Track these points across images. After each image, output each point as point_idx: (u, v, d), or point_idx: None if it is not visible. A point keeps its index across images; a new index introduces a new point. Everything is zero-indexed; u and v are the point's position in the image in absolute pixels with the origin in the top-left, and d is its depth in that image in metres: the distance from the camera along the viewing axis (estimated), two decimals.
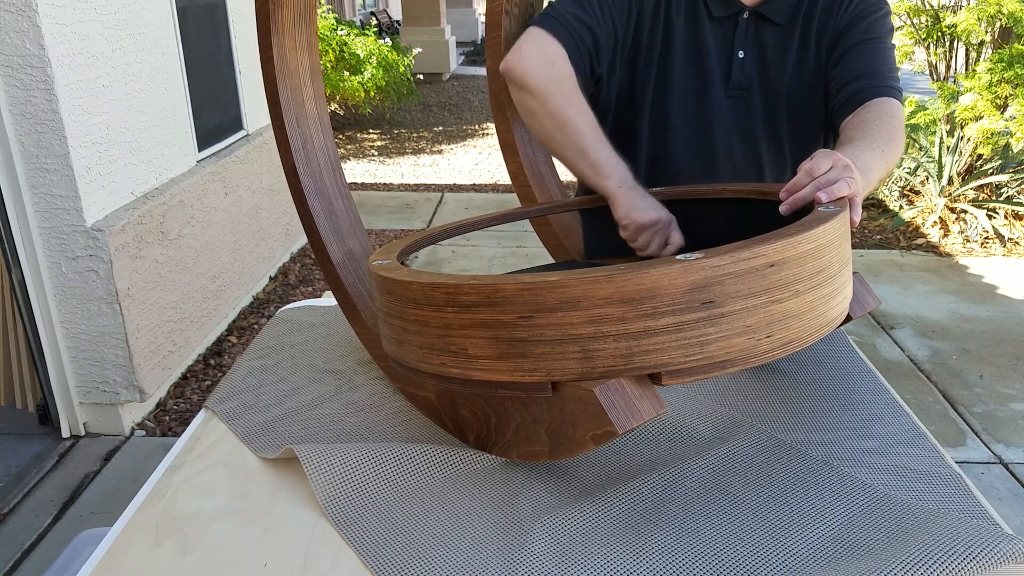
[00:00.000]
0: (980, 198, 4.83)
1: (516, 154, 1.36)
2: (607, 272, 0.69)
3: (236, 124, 3.70)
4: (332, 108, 7.53)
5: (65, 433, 2.64)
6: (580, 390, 0.73)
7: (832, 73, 1.26)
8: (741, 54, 1.30)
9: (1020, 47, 4.51)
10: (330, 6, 7.88)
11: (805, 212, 0.94)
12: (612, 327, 0.70)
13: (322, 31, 6.93)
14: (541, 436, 0.82)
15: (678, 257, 0.70)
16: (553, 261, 1.46)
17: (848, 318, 0.91)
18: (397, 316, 0.84)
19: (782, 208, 0.95)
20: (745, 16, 1.30)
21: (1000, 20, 4.69)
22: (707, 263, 0.69)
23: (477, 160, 6.86)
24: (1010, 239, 4.60)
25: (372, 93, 7.16)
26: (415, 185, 6.03)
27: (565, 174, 1.51)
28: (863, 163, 1.00)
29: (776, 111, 1.32)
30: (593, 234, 1.42)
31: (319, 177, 1.10)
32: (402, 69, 7.54)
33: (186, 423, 2.72)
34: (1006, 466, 2.57)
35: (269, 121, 4.67)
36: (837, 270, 0.80)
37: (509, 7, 1.31)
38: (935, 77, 5.40)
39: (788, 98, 1.31)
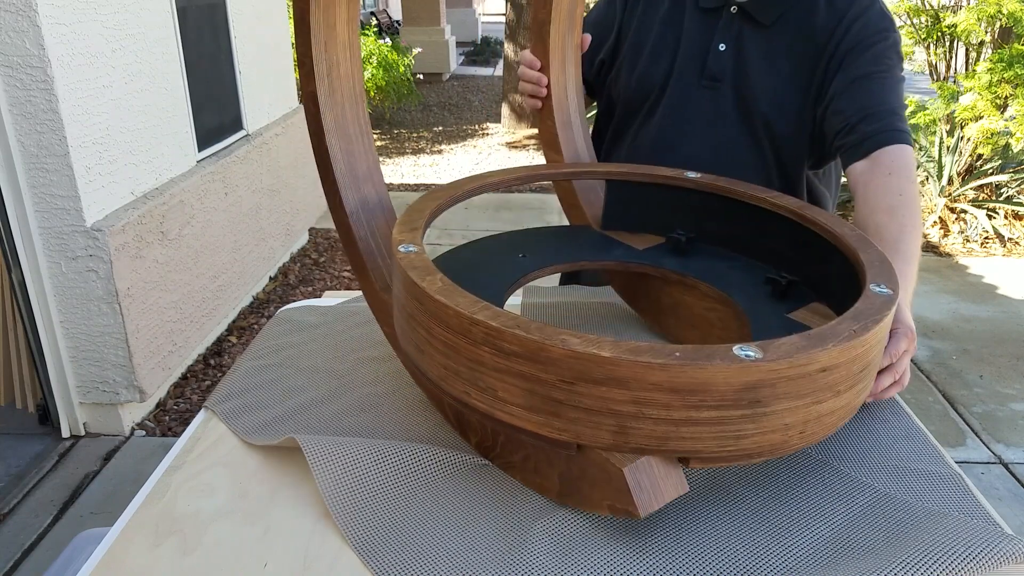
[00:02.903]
0: (980, 198, 4.83)
1: (550, 96, 1.26)
2: (663, 360, 0.67)
3: (236, 124, 3.70)
4: None
5: (65, 433, 2.64)
6: (608, 463, 0.72)
7: (838, 104, 1.23)
8: (722, 47, 1.31)
9: (1020, 47, 4.51)
10: None
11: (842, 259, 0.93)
12: (654, 411, 0.68)
13: None
14: (552, 477, 0.81)
15: (735, 351, 0.68)
16: (563, 225, 1.39)
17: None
18: (423, 327, 0.80)
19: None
20: (732, 10, 1.31)
21: (1000, 20, 4.69)
22: (766, 367, 0.67)
23: (477, 160, 6.86)
24: (1010, 239, 4.60)
25: (372, 93, 7.16)
26: (415, 185, 6.03)
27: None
28: (907, 286, 1.03)
29: (751, 110, 1.31)
30: (615, 207, 1.43)
31: (341, 111, 0.99)
32: (402, 69, 7.55)
33: (186, 423, 2.72)
34: (1006, 466, 2.57)
35: (269, 121, 4.65)
36: (876, 365, 0.79)
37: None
38: (935, 77, 5.40)
39: (764, 100, 1.30)
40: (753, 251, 1.11)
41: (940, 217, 4.75)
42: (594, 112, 1.56)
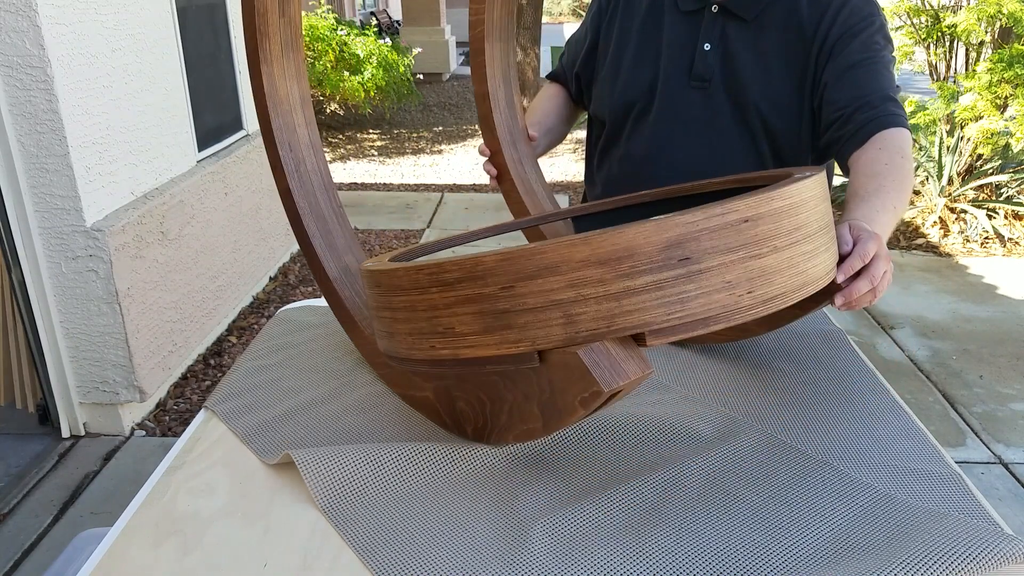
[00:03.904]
0: (980, 198, 4.83)
1: (508, 173, 1.39)
2: (582, 235, 0.70)
3: (236, 124, 3.70)
4: (332, 108, 7.53)
5: (65, 433, 2.64)
6: (565, 355, 0.74)
7: (832, 94, 1.23)
8: (707, 46, 1.31)
9: (1020, 47, 4.51)
10: (330, 6, 7.88)
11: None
12: (592, 289, 0.71)
13: (322, 31, 6.92)
14: (534, 412, 0.83)
15: (654, 218, 0.72)
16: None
17: (838, 287, 0.91)
18: (386, 307, 0.86)
19: (838, 304, 0.92)
20: (713, 9, 1.31)
21: (1000, 20, 4.69)
22: (680, 219, 0.71)
23: (477, 160, 6.86)
24: (1010, 239, 4.60)
25: (372, 93, 7.15)
26: (415, 185, 6.03)
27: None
28: (881, 228, 1.01)
29: (744, 105, 1.31)
30: None
31: (313, 198, 1.13)
32: (402, 69, 7.54)
33: (186, 423, 2.72)
34: (1006, 466, 2.57)
35: None
36: (816, 229, 0.82)
37: (490, 34, 1.36)
38: (935, 77, 5.40)
39: (756, 94, 1.30)
40: None
41: (940, 217, 4.75)
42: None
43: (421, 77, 11.10)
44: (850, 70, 1.22)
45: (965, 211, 4.76)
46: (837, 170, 1.43)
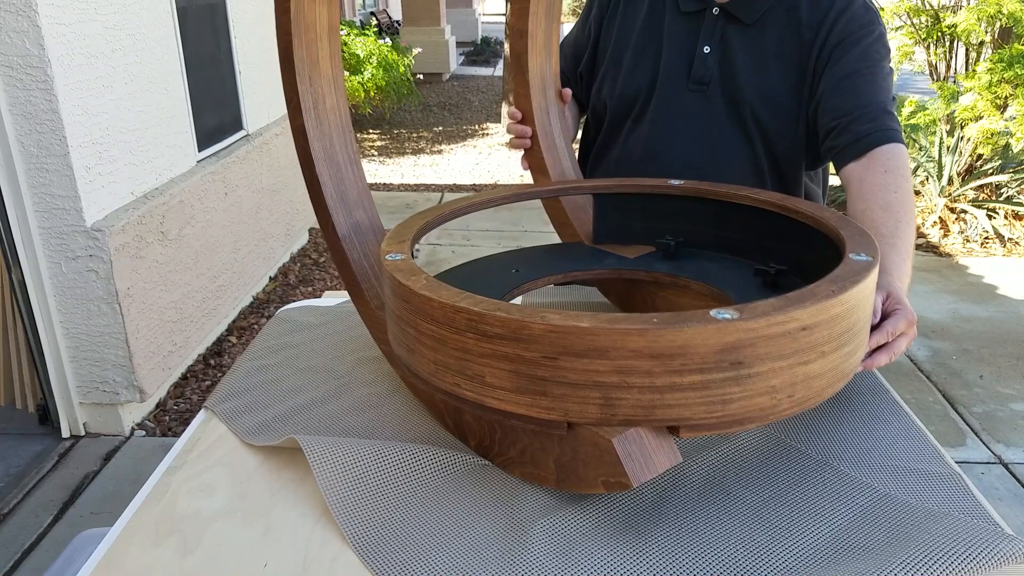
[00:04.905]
0: (980, 198, 4.83)
1: (532, 122, 1.31)
2: (640, 325, 0.68)
3: (236, 124, 3.70)
4: None
5: (65, 433, 2.64)
6: (597, 436, 0.72)
7: (829, 101, 1.23)
8: (707, 49, 1.31)
9: (1020, 47, 4.51)
10: None
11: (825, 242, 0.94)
12: (638, 379, 0.69)
13: None
14: (548, 465, 0.81)
15: (712, 313, 0.69)
16: (556, 243, 1.42)
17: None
18: (411, 325, 0.82)
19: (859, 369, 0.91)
20: (714, 12, 1.30)
21: (1000, 20, 4.69)
22: (743, 326, 0.68)
23: (477, 160, 6.86)
24: (1010, 239, 4.60)
25: (372, 93, 7.15)
26: (415, 185, 6.03)
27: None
28: (906, 277, 1.03)
29: (741, 108, 1.30)
30: (604, 220, 1.43)
31: (329, 141, 1.04)
32: (402, 69, 7.54)
33: (186, 423, 2.72)
34: (1006, 466, 2.57)
35: (269, 121, 4.66)
36: (860, 328, 0.79)
37: (535, 48, 1.28)
38: (935, 77, 5.40)
39: (752, 96, 1.29)
40: (741, 248, 1.13)
41: (940, 217, 4.75)
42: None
43: (421, 77, 11.10)
44: (848, 78, 1.22)
45: (965, 211, 4.76)
46: (834, 170, 1.43)
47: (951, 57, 5.33)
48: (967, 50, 5.26)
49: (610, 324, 0.68)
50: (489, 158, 6.94)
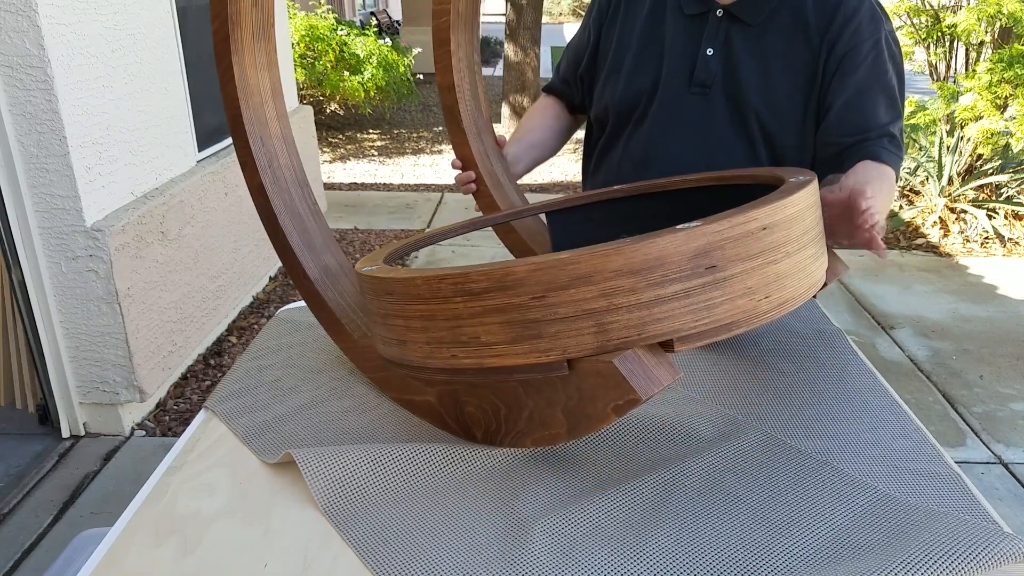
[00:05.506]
0: (980, 198, 4.83)
1: (475, 166, 1.37)
2: (615, 245, 0.71)
3: None
4: (332, 108, 7.53)
5: (65, 433, 2.64)
6: (598, 364, 0.74)
7: (835, 116, 1.24)
8: (710, 51, 1.30)
9: (1020, 47, 4.51)
10: (330, 6, 7.88)
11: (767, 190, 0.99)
12: (624, 298, 0.72)
13: (322, 31, 6.92)
14: (557, 418, 0.83)
15: (678, 227, 0.73)
16: None
17: (824, 284, 0.94)
18: (399, 315, 0.84)
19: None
20: (718, 13, 1.30)
21: (1000, 20, 4.69)
22: (708, 228, 0.73)
23: None
24: (1010, 239, 4.60)
25: (372, 93, 7.15)
26: (415, 185, 6.03)
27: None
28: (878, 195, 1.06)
29: (744, 110, 1.30)
30: (562, 233, 1.43)
31: (288, 195, 1.09)
32: (402, 69, 7.54)
33: (186, 423, 2.72)
34: (1006, 466, 2.57)
35: None
36: (816, 233, 0.86)
37: (456, 24, 1.34)
38: (935, 77, 5.40)
39: (756, 99, 1.28)
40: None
41: (940, 217, 4.75)
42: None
43: (421, 77, 11.09)
44: (854, 97, 1.23)
45: (965, 211, 4.76)
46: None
47: (951, 57, 5.33)
48: (967, 50, 5.26)
49: (589, 251, 0.72)
50: None
